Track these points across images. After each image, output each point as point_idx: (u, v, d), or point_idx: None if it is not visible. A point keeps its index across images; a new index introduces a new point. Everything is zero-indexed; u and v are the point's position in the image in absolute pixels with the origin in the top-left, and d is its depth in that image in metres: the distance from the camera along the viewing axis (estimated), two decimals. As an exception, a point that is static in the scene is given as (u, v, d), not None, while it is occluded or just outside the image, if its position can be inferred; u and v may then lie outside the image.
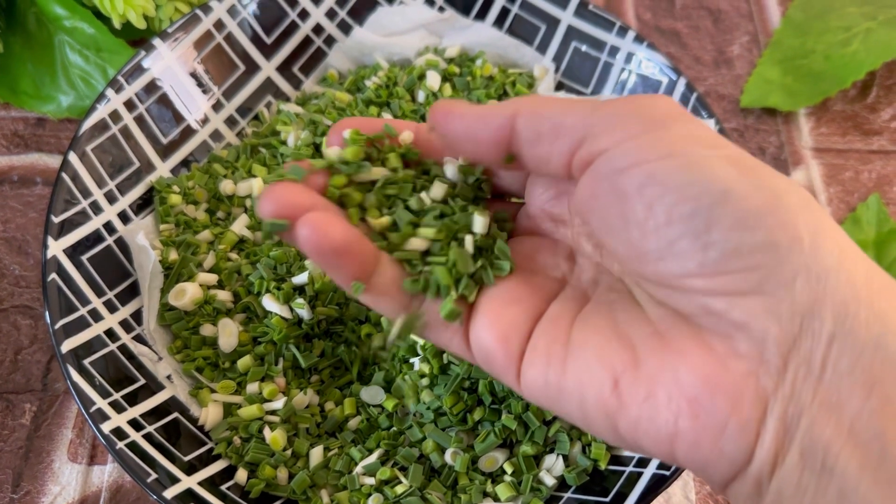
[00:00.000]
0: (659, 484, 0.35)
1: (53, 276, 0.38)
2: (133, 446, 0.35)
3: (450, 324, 0.28)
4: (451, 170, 0.30)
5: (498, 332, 0.26)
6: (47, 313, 0.37)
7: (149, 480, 0.34)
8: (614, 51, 0.47)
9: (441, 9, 0.49)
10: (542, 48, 0.49)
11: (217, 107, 0.46)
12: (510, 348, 0.26)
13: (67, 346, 0.36)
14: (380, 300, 0.28)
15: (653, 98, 0.24)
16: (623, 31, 0.47)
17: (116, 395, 0.37)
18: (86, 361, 0.37)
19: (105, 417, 0.35)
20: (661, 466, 0.35)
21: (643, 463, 0.36)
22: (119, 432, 0.35)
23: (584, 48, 0.48)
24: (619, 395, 0.23)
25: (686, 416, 0.21)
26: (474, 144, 0.26)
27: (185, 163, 0.45)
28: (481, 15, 0.50)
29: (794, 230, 0.21)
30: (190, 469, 0.36)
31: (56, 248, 0.38)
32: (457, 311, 0.27)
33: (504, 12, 0.49)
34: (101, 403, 0.36)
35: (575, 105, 0.24)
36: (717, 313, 0.21)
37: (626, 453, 0.37)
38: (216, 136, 0.46)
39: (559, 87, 0.49)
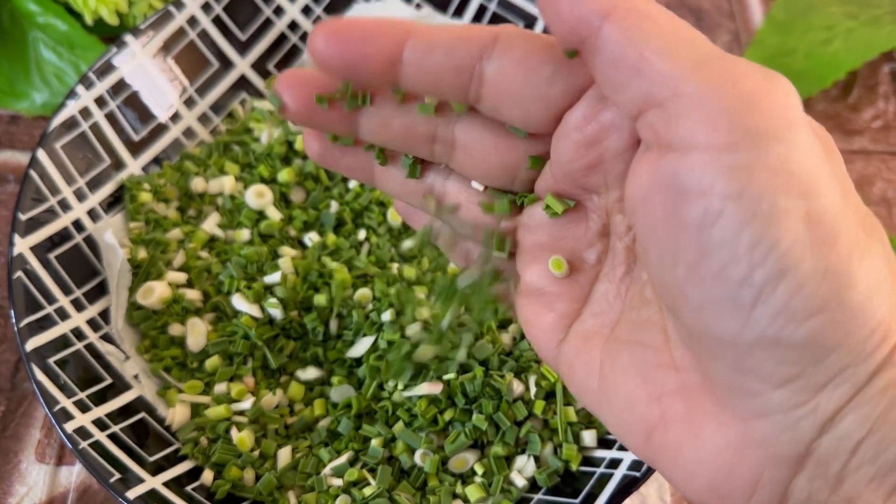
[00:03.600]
0: (630, 485, 0.35)
1: (19, 273, 0.37)
2: (97, 446, 0.34)
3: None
4: None
5: (533, 332, 0.25)
6: (12, 311, 0.36)
7: (112, 480, 0.34)
8: (591, 49, 0.47)
9: (418, 6, 0.49)
10: (520, 46, 0.49)
11: (190, 104, 0.46)
12: (546, 353, 0.25)
13: (32, 344, 0.36)
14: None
15: (773, 83, 0.18)
16: (600, 28, 0.46)
17: (81, 395, 0.36)
18: (51, 360, 0.36)
19: (69, 417, 0.35)
20: (632, 467, 0.35)
21: (614, 464, 0.36)
22: (83, 432, 0.35)
23: (561, 46, 0.48)
24: (652, 450, 0.22)
25: (707, 495, 0.21)
26: (552, 18, 0.21)
27: (157, 160, 0.44)
28: (458, 12, 0.49)
29: (844, 332, 0.18)
30: (156, 469, 0.36)
31: (23, 245, 0.38)
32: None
33: (481, 10, 0.49)
34: (66, 403, 0.35)
35: (679, 46, 0.19)
36: (741, 393, 0.20)
37: (598, 454, 0.37)
38: (189, 133, 0.46)
39: (537, 85, 0.48)
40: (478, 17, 0.49)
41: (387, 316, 0.39)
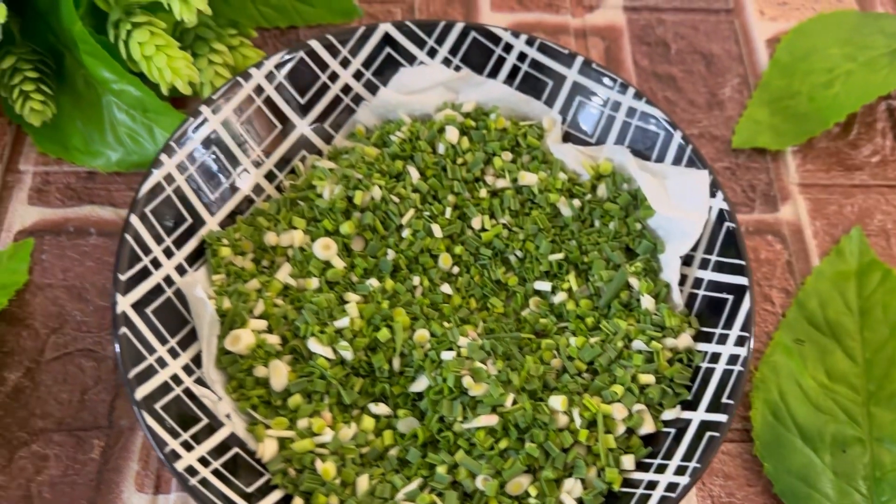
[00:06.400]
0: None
1: (124, 329, 0.42)
2: (204, 482, 0.40)
3: None
4: None
5: None
6: (120, 364, 0.41)
7: (219, 511, 0.39)
8: (616, 105, 0.52)
9: (457, 68, 0.54)
10: (550, 102, 0.54)
11: (257, 163, 0.51)
12: None
13: (140, 393, 0.41)
14: None
15: None
16: (624, 87, 0.51)
17: (185, 436, 0.41)
18: (157, 406, 0.41)
19: (177, 457, 0.40)
20: (668, 489, 0.40)
21: (652, 486, 0.41)
22: (190, 469, 0.40)
23: (588, 102, 0.53)
24: None
25: None
26: None
27: (232, 216, 0.49)
28: (494, 73, 0.54)
29: None
30: (251, 499, 0.41)
31: (124, 303, 0.43)
32: None
33: (514, 70, 0.54)
34: (174, 444, 0.40)
35: None
36: None
37: (636, 476, 0.42)
38: (257, 189, 0.51)
39: (566, 137, 0.54)
40: (511, 77, 0.54)
41: (447, 355, 0.44)
